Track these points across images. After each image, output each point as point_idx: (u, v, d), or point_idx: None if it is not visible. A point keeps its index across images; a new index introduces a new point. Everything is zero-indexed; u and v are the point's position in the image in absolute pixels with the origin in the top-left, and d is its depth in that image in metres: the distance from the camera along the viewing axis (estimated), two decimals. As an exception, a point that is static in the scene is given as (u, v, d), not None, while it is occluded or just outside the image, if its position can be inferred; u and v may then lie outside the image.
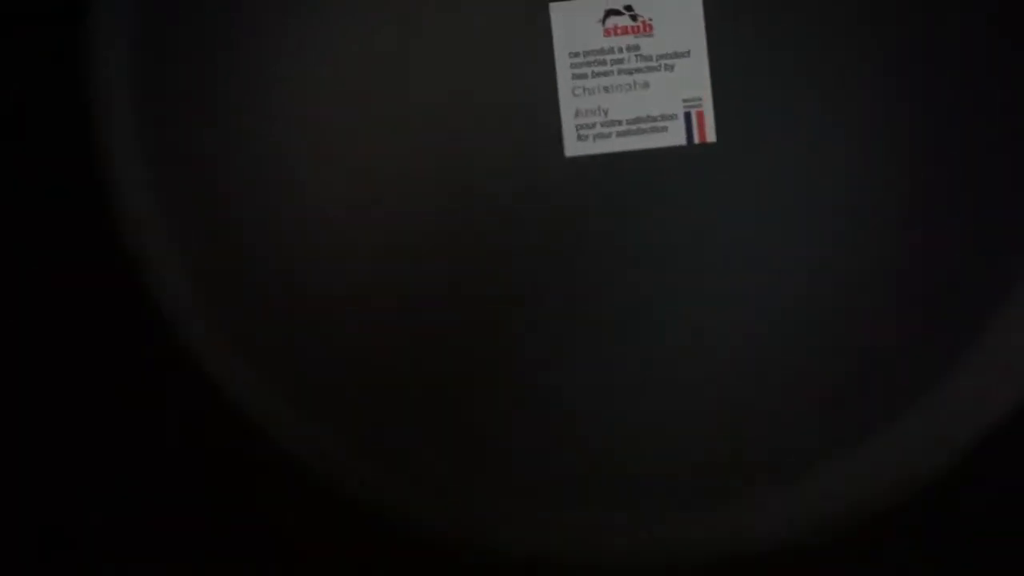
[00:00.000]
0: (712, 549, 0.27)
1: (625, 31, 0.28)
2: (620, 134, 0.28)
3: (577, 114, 0.28)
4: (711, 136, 0.28)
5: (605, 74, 0.28)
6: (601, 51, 0.28)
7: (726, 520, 0.27)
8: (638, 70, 0.28)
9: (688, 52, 0.28)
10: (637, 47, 0.28)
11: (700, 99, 0.28)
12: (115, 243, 0.23)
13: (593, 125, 0.28)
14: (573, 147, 0.28)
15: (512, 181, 0.28)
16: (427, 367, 0.27)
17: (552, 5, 0.28)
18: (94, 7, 0.26)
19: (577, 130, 0.28)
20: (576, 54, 0.28)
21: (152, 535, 0.20)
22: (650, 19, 0.28)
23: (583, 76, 0.28)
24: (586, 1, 0.28)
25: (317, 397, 0.25)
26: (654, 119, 0.28)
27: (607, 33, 0.28)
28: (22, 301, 0.21)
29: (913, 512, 0.26)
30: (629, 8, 0.28)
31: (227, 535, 0.21)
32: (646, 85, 0.28)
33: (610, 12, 0.28)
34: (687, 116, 0.28)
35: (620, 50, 0.28)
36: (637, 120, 0.28)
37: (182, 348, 0.23)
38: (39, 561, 0.20)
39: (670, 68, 0.28)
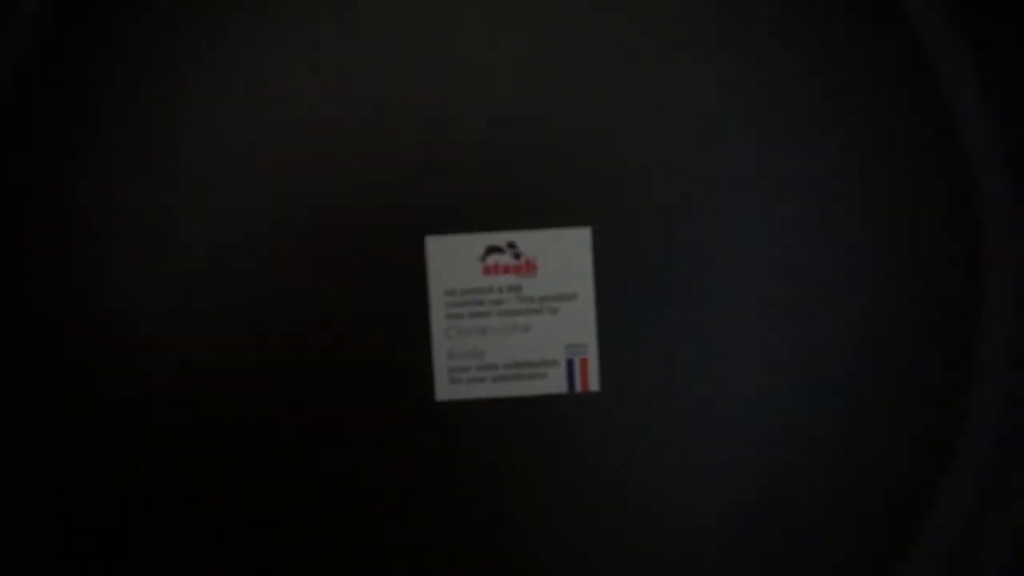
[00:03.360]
0: None
1: (507, 270, 0.26)
2: (496, 379, 0.26)
3: (451, 356, 0.26)
4: (594, 385, 0.26)
5: (482, 315, 0.26)
6: (479, 290, 0.26)
7: None
8: (518, 312, 0.26)
9: (574, 295, 0.26)
10: (519, 287, 0.26)
11: (585, 345, 0.26)
12: None
13: (467, 368, 0.26)
14: (445, 391, 0.26)
15: (381, 426, 0.26)
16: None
17: (429, 239, 0.26)
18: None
19: (450, 373, 0.26)
20: (452, 292, 0.26)
21: None
22: (534, 258, 0.26)
23: (458, 316, 0.26)
24: (466, 236, 0.26)
25: None
26: (533, 364, 0.26)
27: (487, 271, 0.26)
28: None
29: None
30: (512, 245, 0.26)
31: None
32: (526, 328, 0.26)
33: (491, 249, 0.26)
34: (569, 363, 0.26)
35: (500, 290, 0.26)
36: (515, 365, 0.26)
37: None
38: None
39: (553, 311, 0.26)
